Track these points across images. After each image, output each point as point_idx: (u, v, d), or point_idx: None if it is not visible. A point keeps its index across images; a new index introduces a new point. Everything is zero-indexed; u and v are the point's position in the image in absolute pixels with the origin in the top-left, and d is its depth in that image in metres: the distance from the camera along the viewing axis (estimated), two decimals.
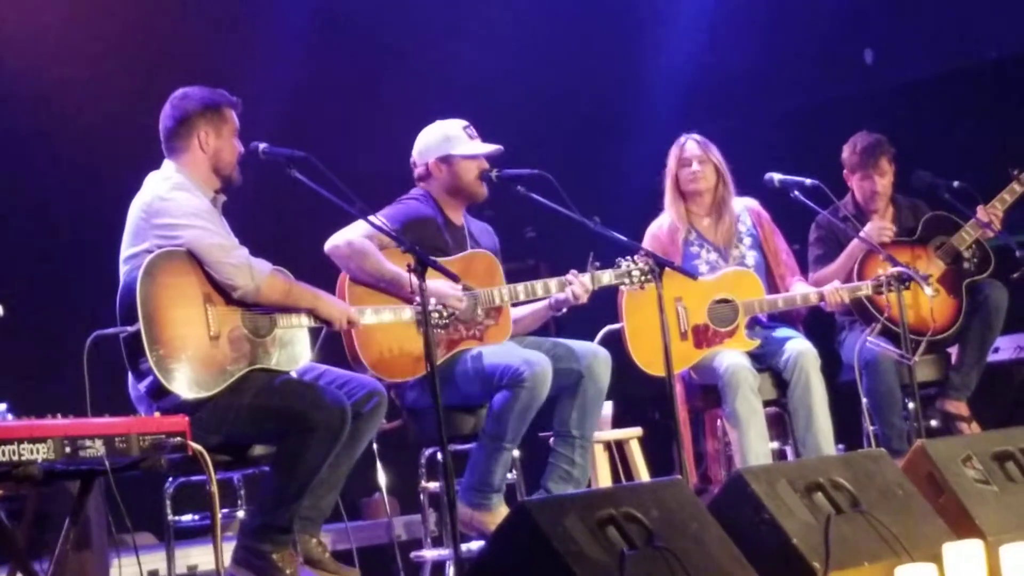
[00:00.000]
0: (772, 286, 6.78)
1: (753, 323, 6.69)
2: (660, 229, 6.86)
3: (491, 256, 6.11)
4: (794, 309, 6.76)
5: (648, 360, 6.40)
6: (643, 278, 5.92)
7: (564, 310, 6.08)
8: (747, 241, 6.85)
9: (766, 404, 6.52)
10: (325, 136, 7.93)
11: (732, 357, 6.44)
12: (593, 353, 6.00)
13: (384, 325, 5.65)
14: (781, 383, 6.59)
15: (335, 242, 5.89)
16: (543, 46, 9.38)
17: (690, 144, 6.82)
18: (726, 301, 6.59)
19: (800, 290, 6.72)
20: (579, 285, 5.94)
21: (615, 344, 6.57)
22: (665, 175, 6.89)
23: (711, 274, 6.68)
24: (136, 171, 5.42)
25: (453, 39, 9.21)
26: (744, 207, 6.92)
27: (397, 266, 5.81)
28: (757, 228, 6.89)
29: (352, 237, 5.86)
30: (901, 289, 6.37)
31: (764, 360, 6.61)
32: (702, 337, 6.57)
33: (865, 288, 6.60)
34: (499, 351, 5.88)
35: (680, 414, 6.71)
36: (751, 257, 6.80)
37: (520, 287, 5.96)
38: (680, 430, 5.61)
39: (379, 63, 9.05)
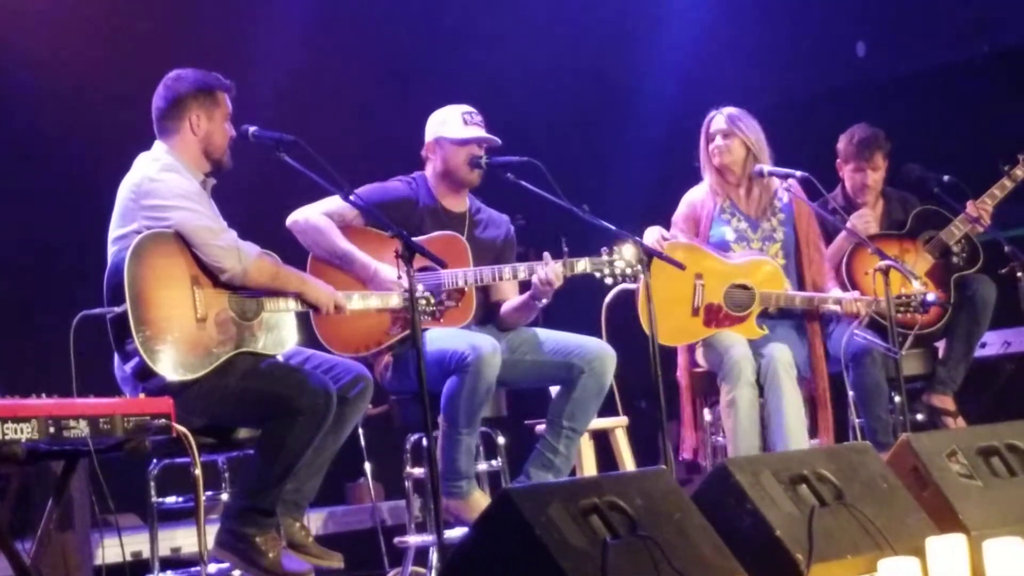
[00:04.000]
0: (800, 267, 6.77)
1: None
2: (696, 196, 6.87)
3: (460, 239, 6.07)
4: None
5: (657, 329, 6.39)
6: (627, 269, 5.89)
7: (545, 300, 6.02)
8: (780, 216, 6.82)
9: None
10: (324, 124, 7.92)
11: (739, 348, 6.42)
12: (600, 351, 5.99)
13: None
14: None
15: (295, 217, 5.96)
16: (544, 36, 9.37)
17: (718, 119, 6.80)
18: (744, 287, 6.58)
19: (827, 287, 6.71)
20: (548, 270, 5.88)
21: (624, 311, 6.55)
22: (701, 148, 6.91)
23: (738, 256, 6.67)
24: (126, 151, 5.41)
25: (454, 28, 9.20)
26: (782, 186, 6.89)
27: (352, 244, 5.85)
28: (792, 205, 6.86)
29: (310, 214, 5.92)
30: (921, 311, 6.38)
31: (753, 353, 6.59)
32: (713, 317, 6.57)
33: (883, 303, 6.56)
34: (449, 335, 5.85)
35: (683, 379, 6.72)
36: (781, 232, 6.78)
37: (487, 270, 5.94)
38: (667, 417, 5.59)
39: (378, 54, 9.05)
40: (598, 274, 5.95)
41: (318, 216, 5.91)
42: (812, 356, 6.66)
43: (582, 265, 5.93)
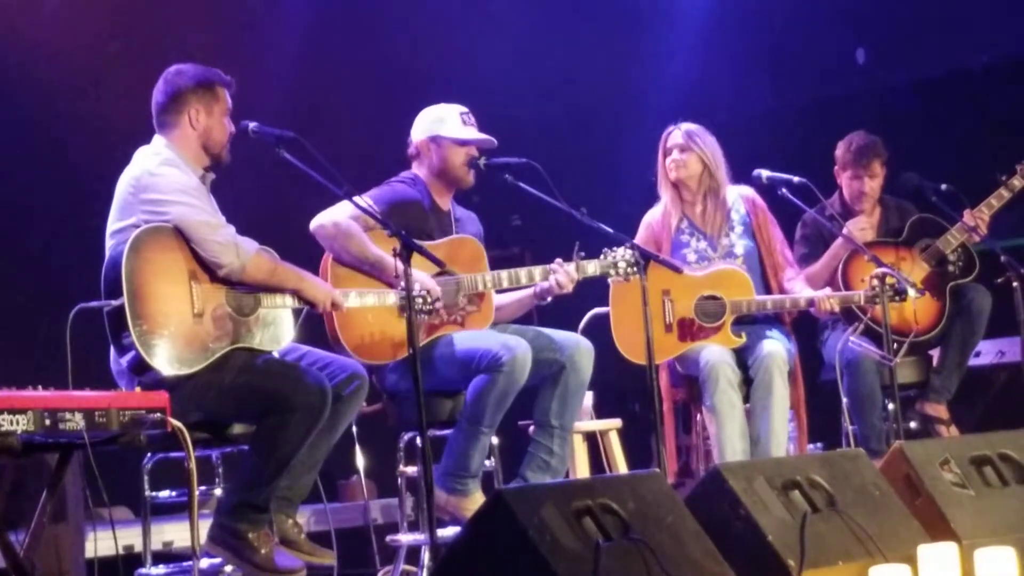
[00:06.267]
0: (765, 276, 6.77)
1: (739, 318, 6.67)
2: (653, 218, 6.87)
3: (476, 242, 6.10)
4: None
5: (631, 349, 6.41)
6: (628, 270, 5.92)
7: (549, 299, 6.07)
8: (738, 230, 6.81)
9: (745, 401, 6.51)
10: (327, 119, 7.92)
11: (713, 352, 6.44)
12: (576, 344, 5.99)
13: (365, 308, 5.66)
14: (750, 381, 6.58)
15: (320, 221, 5.86)
16: (544, 40, 9.37)
17: (675, 134, 6.82)
18: (714, 298, 6.58)
19: (796, 290, 6.70)
20: (564, 274, 5.94)
21: (601, 329, 6.58)
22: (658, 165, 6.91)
23: (701, 269, 6.67)
24: (125, 145, 5.41)
25: (454, 27, 9.21)
26: (739, 195, 6.88)
27: (382, 249, 5.82)
28: (751, 216, 6.85)
29: (338, 217, 5.83)
30: (897, 301, 6.38)
31: (743, 357, 6.59)
32: (687, 331, 6.57)
33: (857, 298, 6.57)
34: (478, 336, 5.87)
35: (664, 404, 6.73)
36: (741, 246, 6.76)
37: (504, 274, 5.96)
38: (661, 421, 5.61)
39: (380, 50, 9.05)
40: (608, 275, 6.00)
41: (347, 221, 5.80)
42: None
43: (592, 268, 6.00)
